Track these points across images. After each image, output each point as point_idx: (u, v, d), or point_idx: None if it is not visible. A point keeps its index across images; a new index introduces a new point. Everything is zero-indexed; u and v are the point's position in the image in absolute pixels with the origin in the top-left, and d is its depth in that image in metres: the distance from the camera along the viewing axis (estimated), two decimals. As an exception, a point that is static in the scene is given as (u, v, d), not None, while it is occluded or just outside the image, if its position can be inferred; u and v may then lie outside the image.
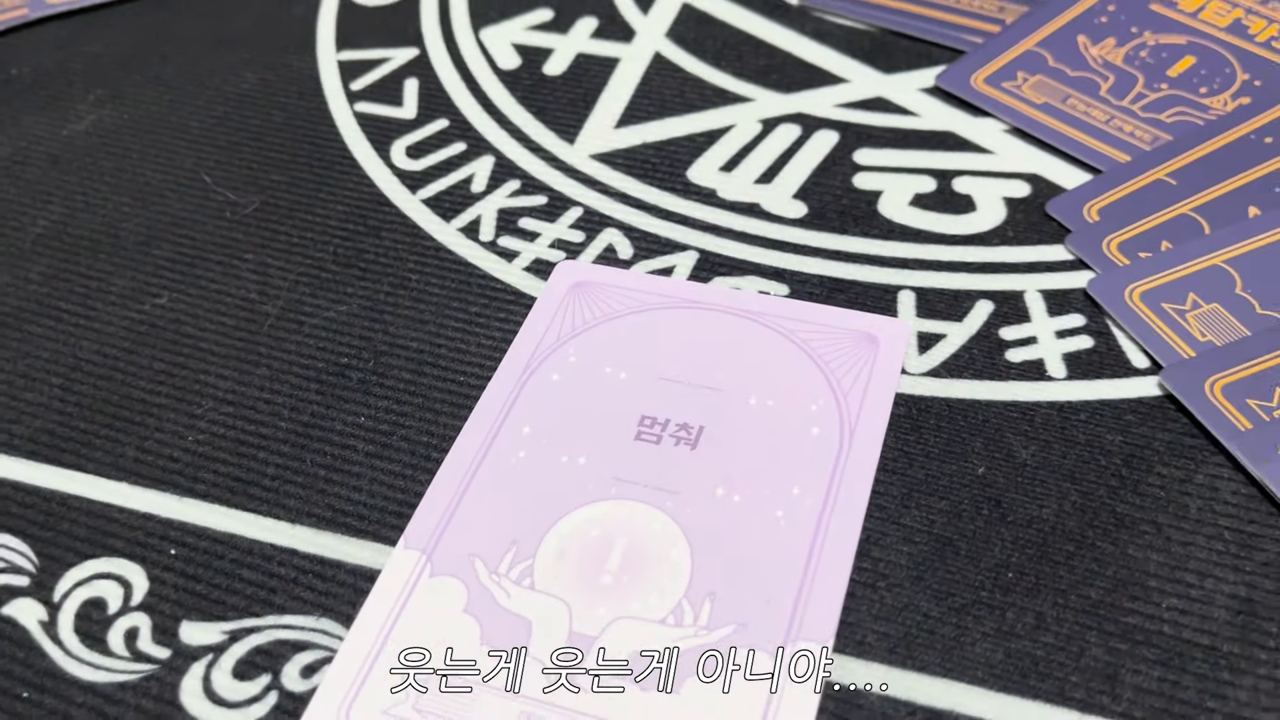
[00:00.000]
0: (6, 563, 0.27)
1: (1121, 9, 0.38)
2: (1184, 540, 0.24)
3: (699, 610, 0.24)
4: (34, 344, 0.32)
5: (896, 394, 0.28)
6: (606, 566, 0.25)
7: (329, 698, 0.23)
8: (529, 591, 0.24)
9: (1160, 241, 0.30)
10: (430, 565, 0.25)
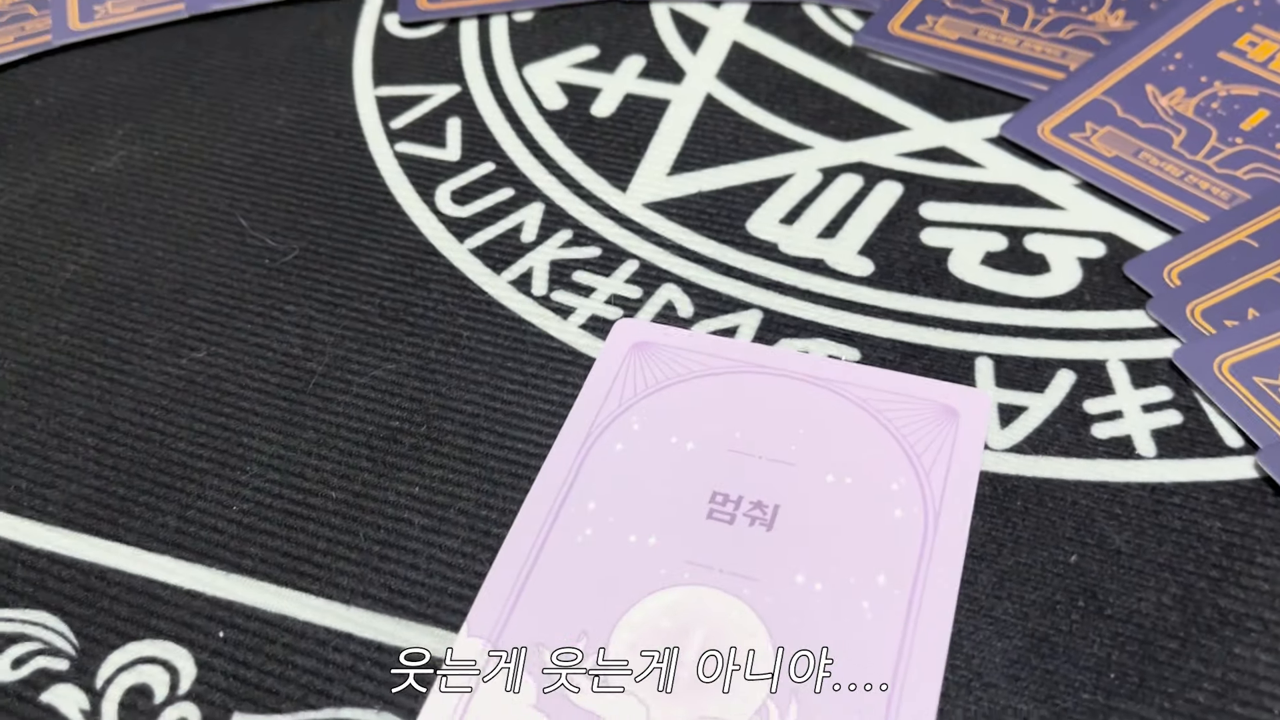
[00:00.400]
0: (45, 644, 0.25)
1: (1189, 57, 0.36)
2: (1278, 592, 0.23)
3: (785, 713, 0.22)
4: (67, 400, 0.30)
5: (980, 472, 0.26)
6: (683, 660, 0.23)
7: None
8: (602, 680, 0.23)
9: (1247, 309, 0.29)
10: (497, 657, 0.24)
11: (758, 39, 0.40)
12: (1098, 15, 0.39)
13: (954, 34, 0.39)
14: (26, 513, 0.28)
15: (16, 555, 0.27)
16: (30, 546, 0.27)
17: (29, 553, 0.27)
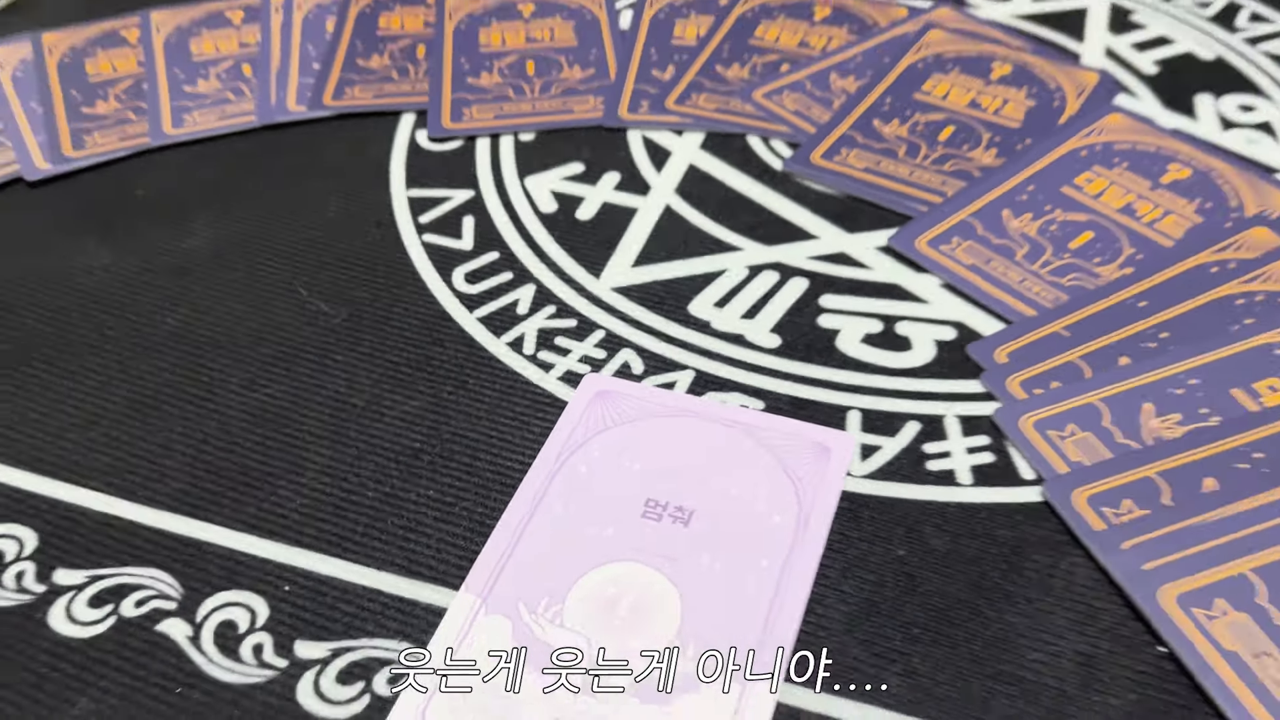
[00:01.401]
0: (159, 592, 0.35)
1: (1039, 189, 0.47)
2: (1047, 610, 0.33)
3: (687, 645, 0.32)
4: (170, 421, 0.40)
5: (842, 491, 0.36)
6: (617, 613, 0.33)
7: (409, 703, 0.31)
8: (558, 628, 0.33)
9: (1050, 381, 0.39)
10: (485, 606, 0.33)
11: (709, 162, 0.51)
12: (975, 153, 0.50)
13: (861, 164, 0.49)
14: (142, 500, 0.37)
15: (136, 530, 0.36)
16: (146, 524, 0.37)
17: (146, 529, 0.36)
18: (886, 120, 0.51)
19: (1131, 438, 0.37)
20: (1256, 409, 0.38)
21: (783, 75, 0.55)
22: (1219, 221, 0.45)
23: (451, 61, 0.57)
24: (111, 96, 0.57)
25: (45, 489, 0.38)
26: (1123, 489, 0.36)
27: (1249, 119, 0.51)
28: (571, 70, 0.57)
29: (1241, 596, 0.32)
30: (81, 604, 0.34)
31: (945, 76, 0.54)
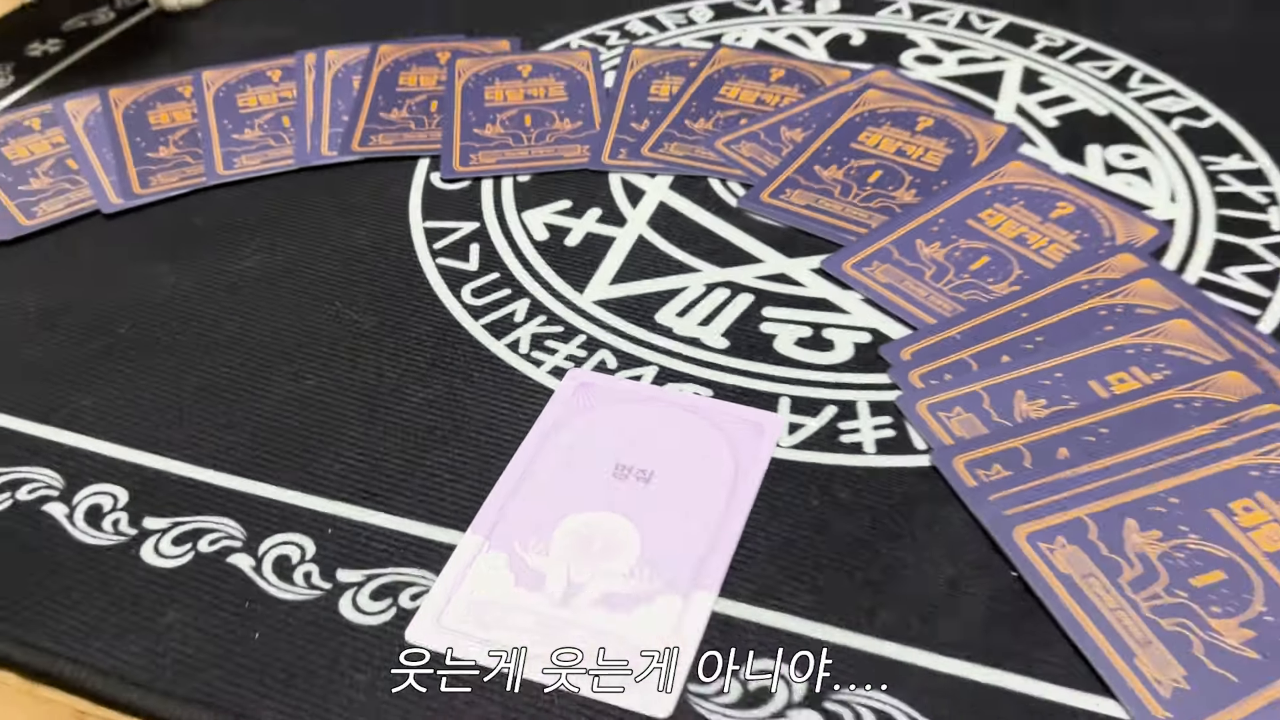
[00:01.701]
0: (227, 533, 0.44)
1: (949, 222, 0.57)
2: (927, 546, 0.42)
3: (643, 568, 0.41)
4: (232, 405, 0.49)
5: (771, 459, 0.46)
6: (591, 548, 0.42)
7: (426, 614, 0.40)
8: (544, 557, 0.42)
9: (944, 374, 0.49)
10: (488, 544, 0.42)
11: (676, 200, 0.60)
12: (898, 193, 0.59)
13: (803, 202, 0.59)
14: (210, 465, 0.47)
15: (208, 488, 0.46)
16: (215, 484, 0.46)
17: (215, 487, 0.46)
18: (826, 165, 0.61)
19: (1005, 418, 0.46)
20: (1106, 396, 0.47)
21: (741, 128, 0.65)
22: (1094, 249, 0.55)
23: (460, 114, 0.67)
24: (171, 143, 0.66)
25: (133, 457, 0.47)
26: (993, 456, 0.45)
27: (1130, 165, 0.61)
28: (563, 122, 0.67)
29: (1077, 534, 0.41)
30: (166, 542, 0.44)
31: (878, 129, 0.64)
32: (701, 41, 0.74)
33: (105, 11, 0.82)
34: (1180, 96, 0.67)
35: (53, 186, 0.63)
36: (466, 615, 0.40)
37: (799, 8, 0.78)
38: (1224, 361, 0.48)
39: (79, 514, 0.45)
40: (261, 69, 0.73)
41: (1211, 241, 0.56)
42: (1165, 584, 0.40)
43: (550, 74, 0.71)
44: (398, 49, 0.74)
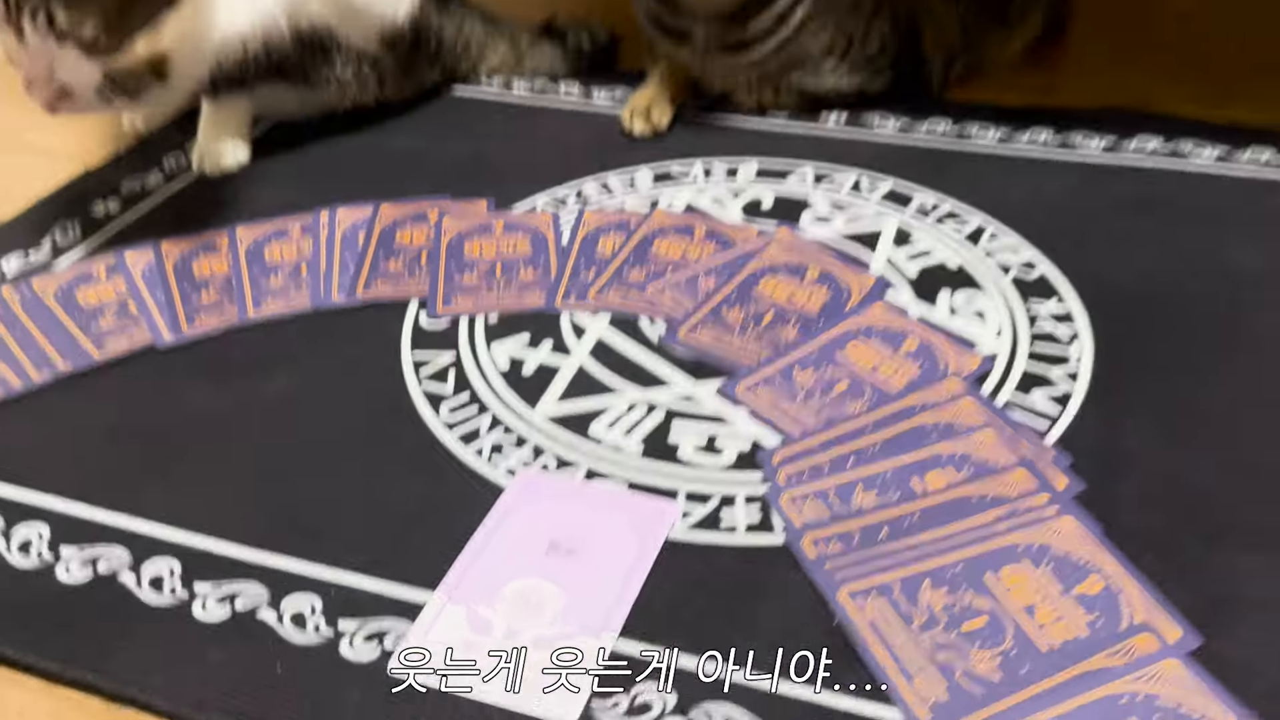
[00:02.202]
0: (256, 594, 0.58)
1: (820, 355, 0.73)
2: (780, 598, 0.57)
3: (564, 619, 0.56)
4: (260, 497, 0.64)
5: (667, 538, 0.61)
6: (527, 605, 0.57)
7: (411, 645, 0.55)
8: (492, 610, 0.56)
9: (803, 474, 0.64)
10: (449, 600, 0.57)
11: (612, 335, 0.77)
12: (784, 331, 0.75)
13: (709, 337, 0.75)
14: (242, 541, 0.61)
15: (241, 562, 0.60)
16: (246, 559, 0.61)
17: (246, 562, 0.60)
18: (730, 308, 0.78)
19: (844, 506, 0.62)
20: (921, 491, 0.62)
21: (667, 277, 0.81)
22: (930, 376, 0.71)
23: (445, 265, 0.84)
24: (212, 289, 0.83)
25: (184, 538, 0.62)
26: (831, 535, 0.60)
27: (970, 308, 0.78)
28: (526, 272, 0.83)
29: (885, 592, 0.56)
30: (211, 601, 0.58)
31: (774, 278, 0.80)
32: (642, 203, 0.92)
33: (156, 175, 1.00)
34: (1017, 251, 0.83)
35: (118, 326, 0.80)
36: (427, 657, 0.55)
37: (724, 175, 0.95)
38: (1013, 463, 0.63)
39: (145, 581, 0.60)
40: (284, 226, 0.90)
41: (1023, 371, 0.72)
42: (943, 627, 0.54)
43: (518, 231, 0.88)
44: (396, 209, 0.91)
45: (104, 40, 0.78)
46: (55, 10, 0.75)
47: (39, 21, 0.75)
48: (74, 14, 0.75)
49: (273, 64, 0.93)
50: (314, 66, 0.96)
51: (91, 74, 0.79)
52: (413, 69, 1.05)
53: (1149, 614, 0.54)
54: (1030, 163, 0.95)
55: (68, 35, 0.76)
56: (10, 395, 0.74)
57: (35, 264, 0.87)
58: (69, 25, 0.76)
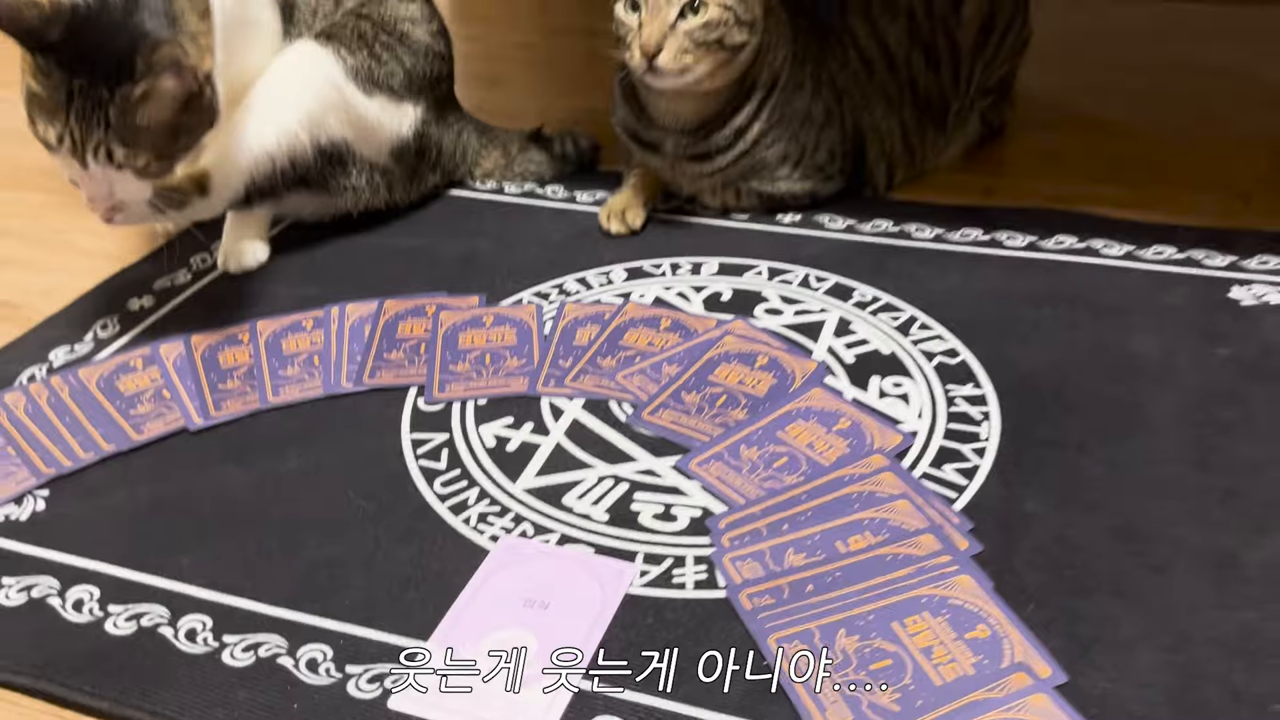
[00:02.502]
0: (275, 644, 0.69)
1: (764, 434, 0.84)
2: (721, 645, 0.67)
3: (538, 659, 0.66)
4: (277, 562, 0.75)
5: (626, 594, 0.71)
6: (509, 650, 0.67)
7: (405, 688, 0.65)
8: (476, 655, 0.67)
9: (745, 538, 0.75)
10: (443, 646, 0.68)
11: (585, 416, 0.88)
12: (735, 412, 0.87)
13: (670, 418, 0.87)
14: (265, 600, 0.72)
15: (264, 616, 0.71)
16: (269, 614, 0.71)
17: (268, 616, 0.71)
18: (688, 391, 0.89)
19: (777, 565, 0.72)
20: (845, 551, 0.73)
21: (634, 364, 0.93)
22: (858, 452, 0.82)
23: (440, 355, 0.96)
24: (235, 377, 0.95)
25: (214, 597, 0.73)
26: (765, 590, 0.70)
27: (897, 391, 0.89)
28: (512, 360, 0.95)
29: (807, 638, 0.67)
30: (239, 650, 0.69)
31: (728, 365, 0.92)
32: (616, 297, 1.04)
33: (184, 274, 1.12)
34: (943, 340, 0.95)
35: (154, 411, 0.91)
36: (422, 691, 0.65)
37: (688, 271, 1.08)
38: (923, 528, 0.74)
39: (181, 633, 0.70)
40: (298, 319, 1.02)
41: (939, 447, 0.83)
42: (854, 668, 0.65)
43: (505, 323, 0.99)
44: (398, 303, 1.03)
45: (154, 167, 0.90)
46: (114, 147, 0.88)
47: (100, 155, 0.88)
48: (129, 150, 0.88)
49: (297, 176, 1.06)
50: (332, 176, 1.09)
51: (144, 191, 0.92)
52: (416, 176, 1.18)
53: (1025, 655, 0.65)
54: (961, 258, 1.08)
55: (124, 165, 0.89)
56: (60, 473, 0.85)
57: (79, 355, 0.99)
58: (125, 159, 0.88)
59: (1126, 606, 0.68)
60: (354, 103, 1.07)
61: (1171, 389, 0.88)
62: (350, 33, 1.08)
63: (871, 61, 1.18)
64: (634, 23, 1.02)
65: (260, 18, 1.06)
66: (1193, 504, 0.76)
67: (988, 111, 1.30)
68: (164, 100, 0.89)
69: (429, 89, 1.15)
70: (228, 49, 0.97)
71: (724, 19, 1.01)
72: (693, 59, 1.01)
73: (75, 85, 0.88)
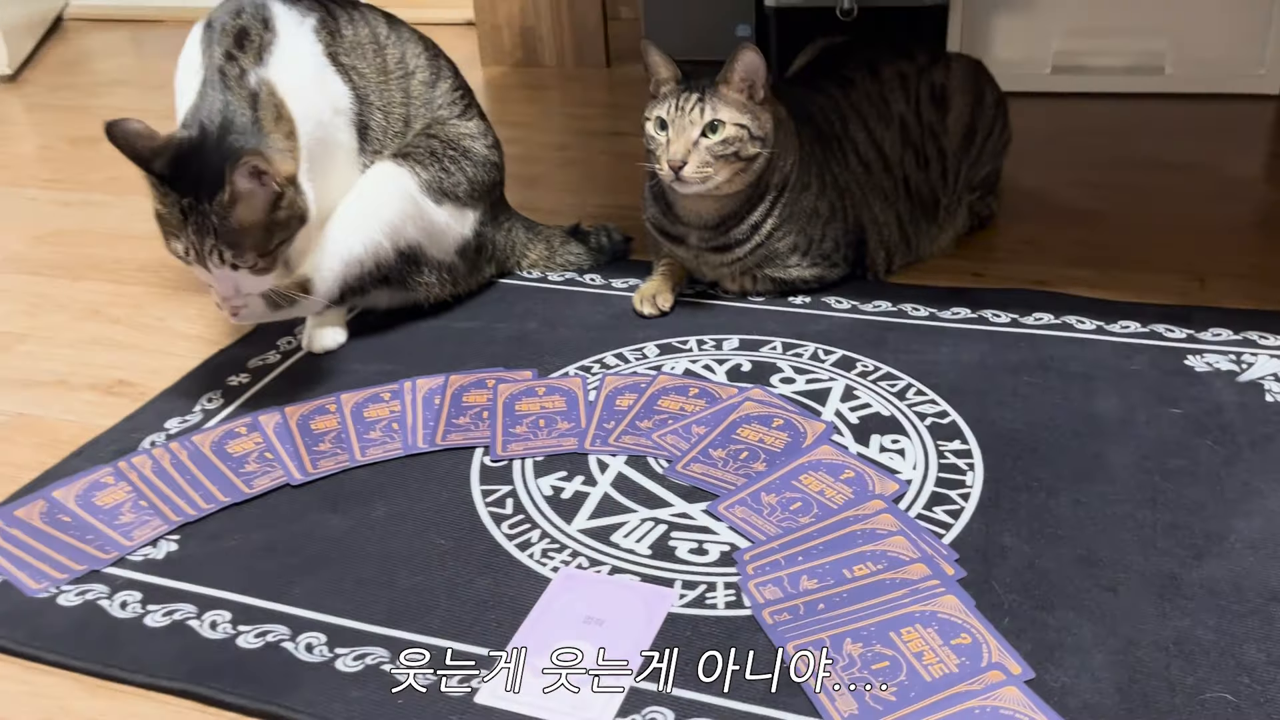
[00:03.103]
0: (378, 654, 0.83)
1: (781, 483, 0.99)
2: (745, 651, 0.81)
3: (608, 659, 0.80)
4: (375, 590, 0.90)
5: (667, 613, 0.85)
6: (572, 656, 0.82)
7: (488, 687, 0.79)
8: (545, 662, 0.81)
9: (766, 567, 0.89)
10: (515, 656, 0.82)
11: (629, 471, 1.03)
12: (756, 465, 1.02)
13: (700, 470, 1.01)
14: (365, 620, 0.87)
15: (369, 633, 0.85)
16: (373, 631, 0.86)
17: (372, 633, 0.86)
18: (715, 448, 1.04)
19: (794, 589, 0.87)
20: (850, 577, 0.87)
21: (668, 425, 1.08)
22: (861, 497, 0.96)
23: (501, 420, 1.11)
24: (327, 440, 1.10)
25: (327, 619, 0.87)
26: (783, 608, 0.85)
27: (895, 447, 1.04)
28: (562, 423, 1.11)
29: (818, 646, 0.81)
30: (350, 659, 0.83)
31: (750, 426, 1.07)
32: (650, 369, 1.19)
33: (273, 354, 1.29)
34: (935, 403, 1.10)
35: (260, 469, 1.07)
36: (503, 689, 0.79)
37: (712, 346, 1.24)
38: (916, 558, 0.89)
39: (301, 647, 0.85)
40: (377, 391, 1.18)
41: (930, 493, 0.97)
42: (858, 668, 0.79)
43: (556, 393, 1.15)
44: (462, 377, 1.19)
45: (261, 263, 1.08)
46: (224, 250, 1.05)
47: (215, 258, 1.05)
48: (235, 252, 1.06)
49: (381, 276, 1.24)
50: (409, 274, 1.27)
51: (262, 286, 1.11)
52: (475, 269, 1.36)
53: (1000, 657, 0.79)
54: (952, 333, 1.23)
55: (237, 266, 1.06)
56: (186, 521, 1.00)
57: (191, 424, 1.15)
58: (234, 258, 1.06)
59: (1084, 618, 0.82)
60: (427, 211, 1.25)
61: (1130, 442, 1.02)
62: (422, 151, 1.26)
63: (869, 163, 1.36)
64: (663, 139, 1.20)
65: (339, 138, 1.24)
66: (1142, 535, 0.90)
67: (975, 204, 1.47)
68: (251, 202, 1.06)
69: (486, 194, 1.34)
70: (314, 162, 1.16)
71: (739, 136, 1.19)
72: (713, 169, 1.19)
73: (185, 203, 1.05)
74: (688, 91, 1.19)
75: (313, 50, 1.19)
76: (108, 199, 1.84)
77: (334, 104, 1.20)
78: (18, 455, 1.12)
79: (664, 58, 1.21)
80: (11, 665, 0.86)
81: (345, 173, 1.24)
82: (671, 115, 1.19)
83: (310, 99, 1.16)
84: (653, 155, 1.22)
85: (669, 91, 1.21)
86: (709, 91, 1.18)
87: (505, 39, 2.53)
